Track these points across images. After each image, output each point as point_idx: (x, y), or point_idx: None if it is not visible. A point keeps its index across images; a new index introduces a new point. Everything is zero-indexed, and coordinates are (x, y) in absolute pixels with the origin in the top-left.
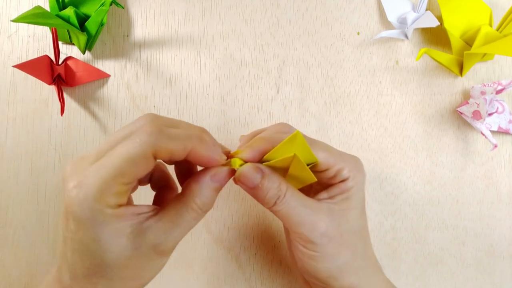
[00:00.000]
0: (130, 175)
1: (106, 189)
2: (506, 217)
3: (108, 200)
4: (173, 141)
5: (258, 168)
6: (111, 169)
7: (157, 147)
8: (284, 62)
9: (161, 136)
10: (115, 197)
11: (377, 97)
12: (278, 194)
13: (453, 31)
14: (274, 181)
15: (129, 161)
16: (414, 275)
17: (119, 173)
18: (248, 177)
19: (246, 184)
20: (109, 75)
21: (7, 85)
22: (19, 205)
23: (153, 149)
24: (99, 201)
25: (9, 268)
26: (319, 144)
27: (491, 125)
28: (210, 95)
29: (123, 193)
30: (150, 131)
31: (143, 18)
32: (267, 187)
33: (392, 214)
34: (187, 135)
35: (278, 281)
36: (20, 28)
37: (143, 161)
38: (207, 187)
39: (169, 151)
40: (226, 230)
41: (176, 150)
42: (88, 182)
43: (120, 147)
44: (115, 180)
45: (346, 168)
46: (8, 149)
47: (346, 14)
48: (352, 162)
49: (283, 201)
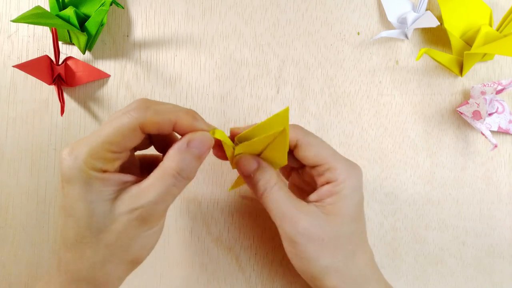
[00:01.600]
0: (118, 144)
1: (94, 154)
2: (506, 217)
3: (95, 164)
4: (159, 114)
5: (255, 158)
6: (100, 137)
7: (144, 119)
8: (284, 62)
9: (148, 110)
10: (102, 162)
11: (377, 97)
12: (266, 186)
13: (453, 31)
14: (266, 174)
15: (117, 132)
16: (414, 275)
17: (107, 141)
18: (245, 164)
19: (242, 171)
20: (109, 75)
21: (7, 85)
22: (19, 205)
23: (140, 122)
24: (86, 163)
25: (9, 268)
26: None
27: (491, 125)
28: (210, 95)
29: (110, 160)
30: (138, 107)
31: (143, 18)
32: (257, 177)
33: (392, 214)
34: (173, 108)
35: (278, 281)
36: (20, 28)
37: (130, 133)
38: (184, 152)
39: (156, 123)
40: (226, 230)
41: (162, 122)
42: (79, 148)
43: (111, 121)
44: (102, 146)
45: (337, 170)
46: (8, 149)
47: (346, 14)
48: (346, 166)
49: (270, 192)
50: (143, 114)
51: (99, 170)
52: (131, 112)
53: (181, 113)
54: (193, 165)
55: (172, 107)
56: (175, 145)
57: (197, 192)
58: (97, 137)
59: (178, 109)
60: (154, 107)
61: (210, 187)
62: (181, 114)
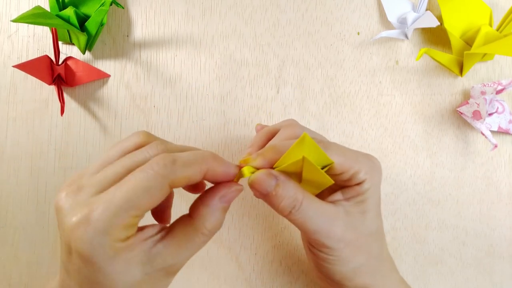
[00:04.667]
0: (143, 208)
1: (117, 223)
2: (506, 217)
3: (118, 235)
4: (189, 167)
5: (271, 175)
6: (123, 202)
7: (174, 177)
8: (284, 62)
9: (176, 165)
10: (126, 230)
11: (377, 97)
12: (294, 204)
13: (453, 31)
14: (290, 189)
15: (144, 194)
16: (414, 275)
17: (131, 206)
18: (261, 183)
19: (259, 191)
20: (109, 75)
21: (7, 85)
22: (19, 205)
23: (170, 180)
24: (108, 236)
25: (9, 268)
26: (333, 147)
27: (491, 125)
28: (210, 95)
29: (134, 225)
30: (164, 164)
31: (143, 18)
32: (281, 195)
33: (392, 214)
34: (201, 156)
35: (278, 281)
36: (20, 28)
37: (159, 193)
38: (217, 209)
39: (187, 179)
40: (226, 230)
41: (193, 176)
42: (96, 217)
43: (133, 179)
44: (127, 213)
45: (362, 171)
46: (8, 149)
47: (346, 14)
48: (368, 164)
49: (299, 211)
50: (171, 171)
51: (123, 239)
52: (155, 168)
53: (209, 161)
54: (223, 219)
55: (195, 157)
56: (207, 203)
57: None
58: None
59: (204, 157)
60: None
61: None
62: (210, 162)
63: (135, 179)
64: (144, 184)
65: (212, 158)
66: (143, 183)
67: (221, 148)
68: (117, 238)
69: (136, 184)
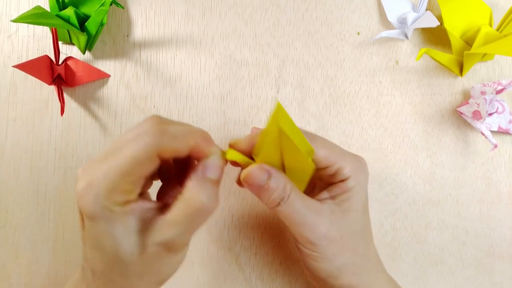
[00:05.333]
0: (136, 175)
1: (114, 187)
2: (506, 217)
3: (116, 198)
4: (177, 139)
5: (264, 169)
6: (118, 168)
7: (161, 147)
8: (284, 62)
9: (165, 136)
10: (123, 194)
11: (377, 97)
12: (283, 195)
13: (453, 31)
14: (280, 181)
15: (135, 162)
16: (414, 275)
17: (125, 173)
18: (254, 177)
19: (252, 185)
20: (109, 75)
21: (7, 85)
22: (19, 205)
23: (157, 150)
24: (108, 199)
25: (9, 268)
26: (319, 139)
27: (491, 125)
28: (210, 95)
29: (131, 190)
30: (154, 132)
31: (143, 18)
32: (272, 188)
33: (392, 214)
34: (190, 131)
35: (278, 281)
36: (20, 28)
37: (148, 161)
38: (203, 182)
39: (173, 150)
40: (226, 230)
41: (180, 148)
42: (97, 182)
43: (126, 148)
44: (122, 179)
45: (347, 167)
46: (8, 149)
47: (346, 14)
48: (354, 162)
49: (286, 203)
50: (160, 140)
51: (122, 203)
52: (145, 138)
53: (198, 137)
54: (213, 190)
55: (187, 130)
56: (192, 176)
57: None
58: (114, 168)
59: (193, 131)
60: (169, 131)
61: None
62: (198, 138)
63: (127, 148)
64: (135, 153)
65: (201, 135)
66: (134, 153)
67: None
68: (115, 201)
69: (128, 153)
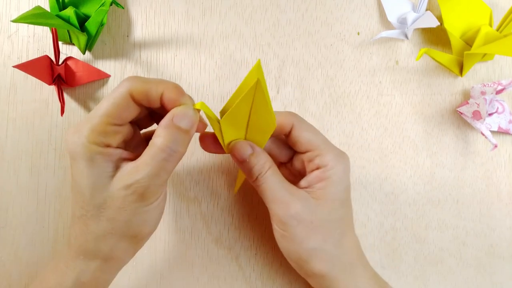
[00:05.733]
0: (115, 116)
1: (95, 128)
2: (506, 217)
3: (97, 138)
4: (148, 83)
5: (248, 144)
6: (99, 112)
7: (133, 87)
8: (284, 62)
9: (136, 79)
10: (103, 136)
11: (377, 97)
12: (261, 170)
13: (453, 31)
14: (261, 158)
15: (112, 104)
16: (414, 275)
17: (104, 114)
18: (239, 150)
19: (237, 157)
20: (109, 75)
21: (7, 85)
22: (19, 205)
23: (129, 90)
24: (89, 139)
25: (9, 268)
26: (307, 124)
27: (491, 125)
28: (210, 95)
29: (111, 133)
30: (128, 78)
31: (143, 18)
32: (253, 162)
33: (392, 214)
34: (161, 80)
35: (278, 281)
36: (20, 28)
37: (123, 101)
38: (170, 127)
39: (144, 91)
40: (226, 230)
41: (149, 92)
42: (82, 125)
43: (107, 96)
44: (101, 120)
45: (328, 156)
46: (8, 149)
47: (346, 14)
48: (336, 153)
49: (263, 177)
50: (130, 82)
51: (102, 144)
52: (121, 84)
53: (169, 85)
54: (181, 138)
55: (159, 80)
56: (161, 122)
57: (197, 192)
58: (96, 112)
59: (165, 81)
60: (142, 78)
61: (210, 187)
62: (168, 86)
63: (108, 96)
64: (112, 96)
65: (172, 84)
66: (111, 97)
67: None
68: (95, 141)
69: (107, 98)
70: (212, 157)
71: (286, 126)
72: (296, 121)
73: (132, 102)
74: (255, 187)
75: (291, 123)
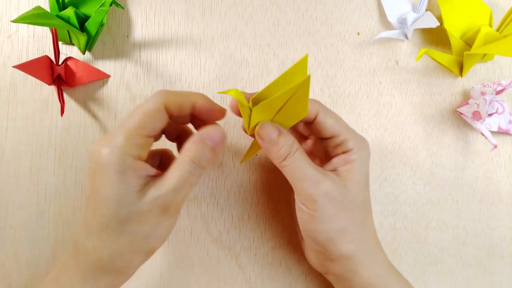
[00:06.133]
0: (149, 127)
1: (131, 139)
2: (506, 217)
3: (132, 150)
4: (180, 95)
5: (275, 126)
6: (133, 123)
7: (167, 100)
8: (284, 63)
9: (170, 93)
10: (137, 148)
11: (377, 97)
12: (289, 151)
13: (453, 32)
14: (288, 139)
15: (146, 115)
16: (414, 275)
17: (139, 126)
18: (266, 132)
19: (264, 138)
20: (109, 76)
21: (7, 85)
22: (19, 205)
23: (164, 102)
24: (124, 149)
25: (9, 268)
26: (330, 111)
27: (491, 126)
28: (210, 95)
29: (144, 145)
30: (159, 92)
31: (143, 18)
32: (281, 143)
33: (392, 214)
34: (190, 92)
35: (278, 282)
36: (20, 29)
37: (157, 113)
38: (199, 143)
39: (177, 103)
40: (226, 230)
41: (183, 102)
42: (115, 136)
43: (139, 108)
44: (136, 131)
45: (351, 141)
46: (8, 149)
47: (346, 14)
48: (358, 138)
49: (293, 157)
50: (165, 95)
51: (135, 156)
52: (153, 97)
53: (198, 95)
54: (208, 154)
55: (188, 91)
56: (190, 139)
57: (197, 192)
58: (130, 123)
59: (194, 92)
60: (173, 91)
61: (210, 187)
62: (198, 96)
63: (139, 108)
64: (146, 109)
65: (201, 95)
66: (145, 109)
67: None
68: (129, 153)
69: (140, 110)
70: None
71: (312, 113)
72: (321, 108)
73: (165, 113)
74: (280, 168)
75: (316, 110)
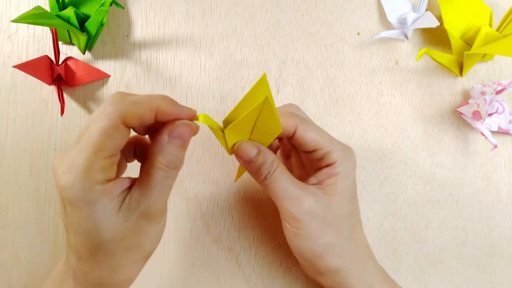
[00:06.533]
0: (109, 148)
1: (91, 166)
2: (506, 217)
3: (96, 177)
4: (137, 104)
5: (254, 145)
6: (90, 146)
7: (124, 114)
8: (284, 62)
9: (125, 103)
10: (102, 172)
11: (377, 97)
12: (269, 169)
13: (453, 32)
14: (267, 157)
15: (103, 135)
16: (414, 275)
17: (98, 148)
18: (245, 151)
19: (242, 158)
20: (109, 75)
21: (7, 85)
22: (19, 205)
23: (121, 117)
24: (87, 179)
25: (9, 268)
26: (311, 123)
27: (491, 126)
28: (210, 95)
29: (108, 167)
30: (114, 102)
31: (143, 18)
32: (260, 162)
33: (392, 214)
34: (149, 96)
35: (278, 282)
36: (20, 29)
37: (115, 131)
38: (167, 145)
39: (137, 115)
40: (226, 230)
41: (143, 113)
42: (74, 165)
43: (93, 125)
44: (96, 155)
45: (335, 153)
46: (8, 149)
47: (346, 14)
48: (342, 149)
49: (272, 176)
50: (119, 107)
51: (102, 181)
52: (107, 109)
53: (159, 100)
54: (180, 154)
55: (147, 96)
56: (157, 140)
57: (197, 192)
58: (86, 147)
59: (154, 97)
60: (129, 99)
61: (210, 187)
62: (160, 101)
63: (93, 125)
64: (101, 125)
65: (162, 98)
66: (100, 126)
67: (221, 148)
68: (95, 180)
69: (95, 128)
70: (212, 157)
71: (290, 129)
72: (299, 122)
73: (124, 128)
74: (263, 187)
75: (294, 125)
